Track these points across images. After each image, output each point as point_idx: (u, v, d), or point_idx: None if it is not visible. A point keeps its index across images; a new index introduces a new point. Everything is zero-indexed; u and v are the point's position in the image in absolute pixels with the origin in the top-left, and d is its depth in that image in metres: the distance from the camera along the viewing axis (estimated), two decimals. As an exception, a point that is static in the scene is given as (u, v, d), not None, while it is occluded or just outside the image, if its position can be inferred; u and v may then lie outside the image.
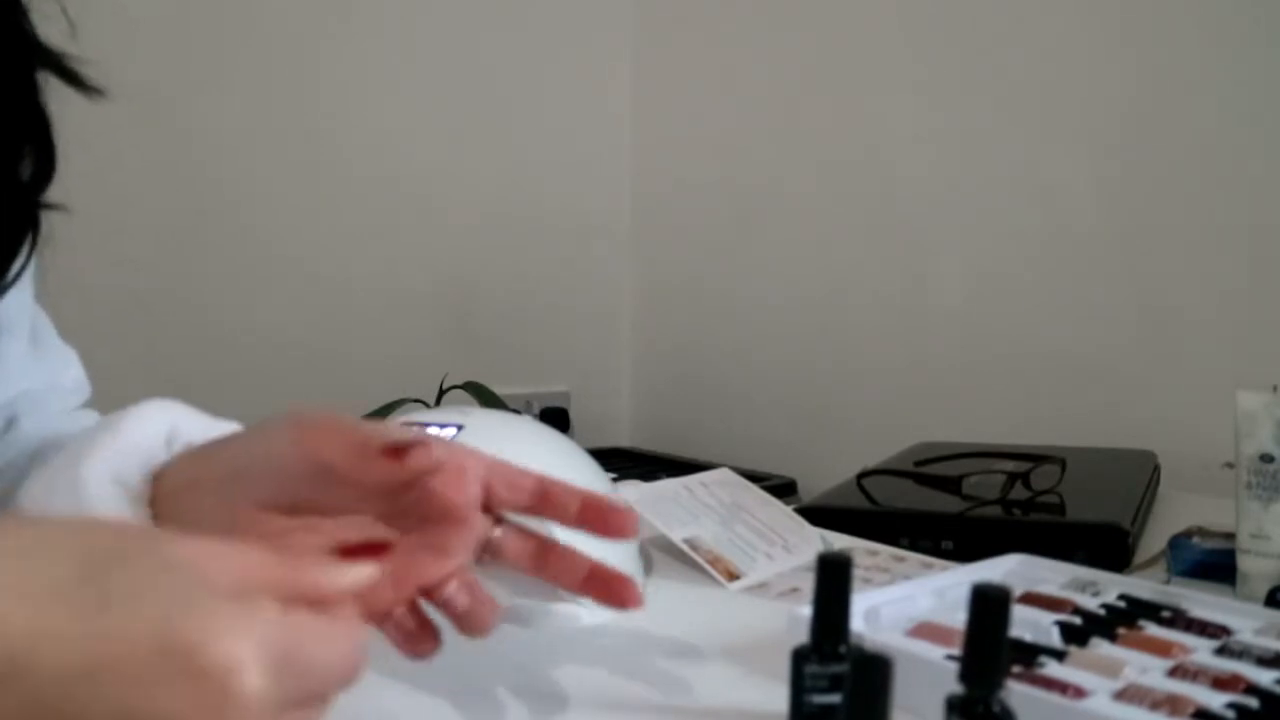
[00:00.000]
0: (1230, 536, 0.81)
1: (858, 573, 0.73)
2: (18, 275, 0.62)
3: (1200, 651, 0.59)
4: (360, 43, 1.76)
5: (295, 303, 1.75)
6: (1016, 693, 0.51)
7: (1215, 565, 0.83)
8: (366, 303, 1.81)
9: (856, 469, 1.08)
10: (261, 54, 1.70)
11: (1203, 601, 0.67)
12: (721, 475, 0.96)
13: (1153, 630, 0.63)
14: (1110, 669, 0.56)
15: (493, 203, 1.93)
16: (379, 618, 0.49)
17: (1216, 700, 0.53)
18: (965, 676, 0.45)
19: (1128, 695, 0.53)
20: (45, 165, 0.64)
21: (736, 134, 1.78)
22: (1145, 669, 0.57)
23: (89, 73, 0.64)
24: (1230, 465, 0.81)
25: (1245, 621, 0.64)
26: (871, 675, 0.40)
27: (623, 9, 1.99)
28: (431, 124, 1.84)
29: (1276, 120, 1.21)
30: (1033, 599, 0.67)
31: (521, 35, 1.91)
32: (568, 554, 0.54)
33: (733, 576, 0.79)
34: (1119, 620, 0.64)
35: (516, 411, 1.47)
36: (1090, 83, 1.34)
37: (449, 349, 1.87)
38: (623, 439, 2.09)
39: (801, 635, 0.53)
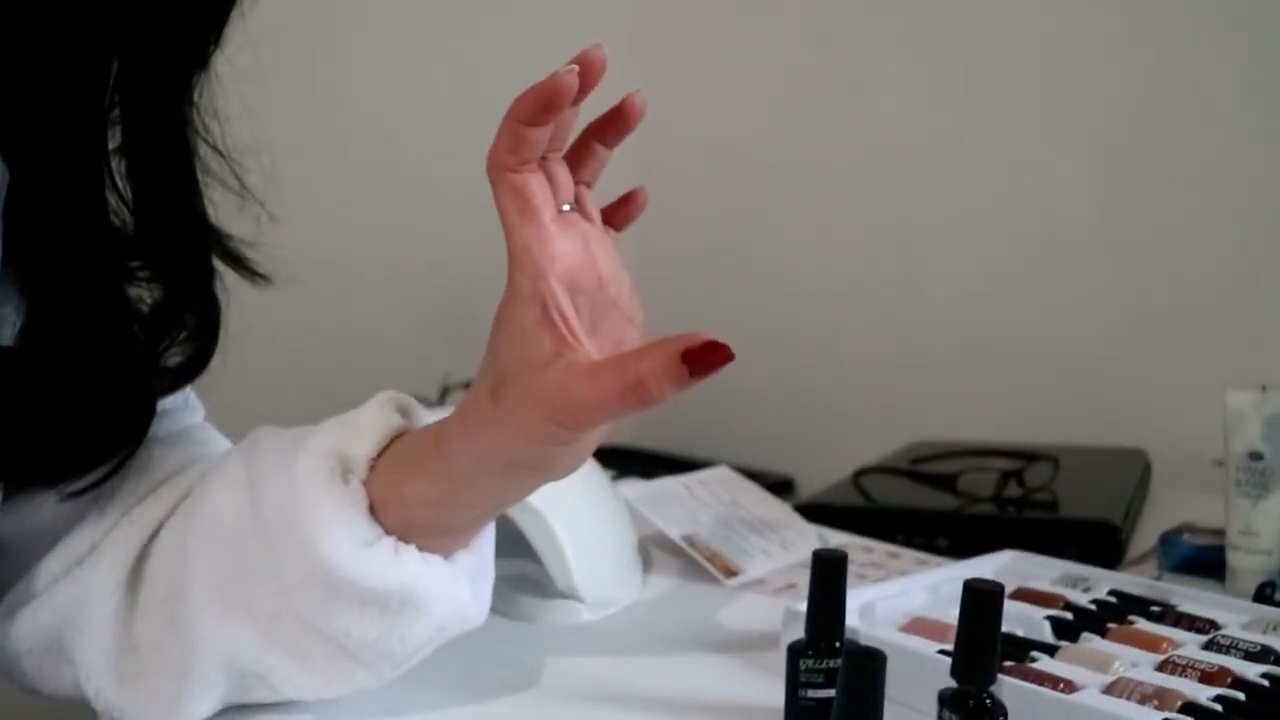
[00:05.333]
0: (1219, 533, 0.82)
1: (853, 569, 0.74)
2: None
3: (1189, 646, 0.60)
4: (358, 41, 1.77)
5: (295, 301, 1.75)
6: (1008, 687, 0.53)
7: (1205, 561, 0.83)
8: (366, 301, 1.81)
9: (853, 467, 1.08)
10: (258, 52, 1.70)
11: (1192, 597, 0.68)
12: (720, 473, 0.97)
13: (1142, 625, 0.64)
14: (1101, 663, 0.57)
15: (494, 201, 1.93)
16: None
17: (1204, 694, 0.54)
18: (958, 671, 0.46)
19: (1117, 689, 0.54)
20: (203, 354, 0.62)
21: (736, 134, 1.79)
22: (1135, 663, 0.58)
23: (255, 256, 0.60)
24: (1220, 463, 0.81)
25: (1233, 616, 0.65)
26: (865, 669, 0.42)
27: (622, 8, 2.00)
28: (431, 122, 1.84)
29: (1266, 124, 1.22)
30: (1025, 595, 0.68)
31: (520, 34, 1.91)
32: None
33: (730, 573, 0.79)
34: (1110, 615, 0.65)
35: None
36: (1086, 88, 1.35)
37: (450, 347, 1.87)
38: (621, 437, 2.09)
39: (797, 631, 0.54)
